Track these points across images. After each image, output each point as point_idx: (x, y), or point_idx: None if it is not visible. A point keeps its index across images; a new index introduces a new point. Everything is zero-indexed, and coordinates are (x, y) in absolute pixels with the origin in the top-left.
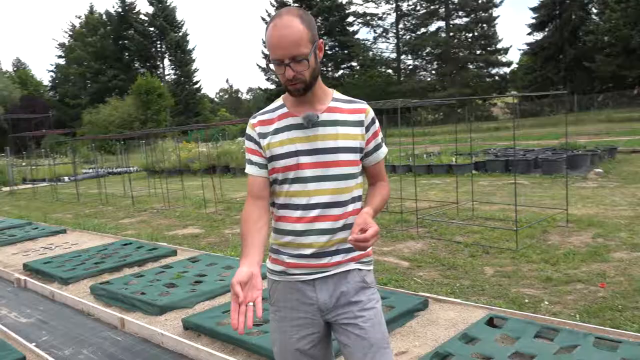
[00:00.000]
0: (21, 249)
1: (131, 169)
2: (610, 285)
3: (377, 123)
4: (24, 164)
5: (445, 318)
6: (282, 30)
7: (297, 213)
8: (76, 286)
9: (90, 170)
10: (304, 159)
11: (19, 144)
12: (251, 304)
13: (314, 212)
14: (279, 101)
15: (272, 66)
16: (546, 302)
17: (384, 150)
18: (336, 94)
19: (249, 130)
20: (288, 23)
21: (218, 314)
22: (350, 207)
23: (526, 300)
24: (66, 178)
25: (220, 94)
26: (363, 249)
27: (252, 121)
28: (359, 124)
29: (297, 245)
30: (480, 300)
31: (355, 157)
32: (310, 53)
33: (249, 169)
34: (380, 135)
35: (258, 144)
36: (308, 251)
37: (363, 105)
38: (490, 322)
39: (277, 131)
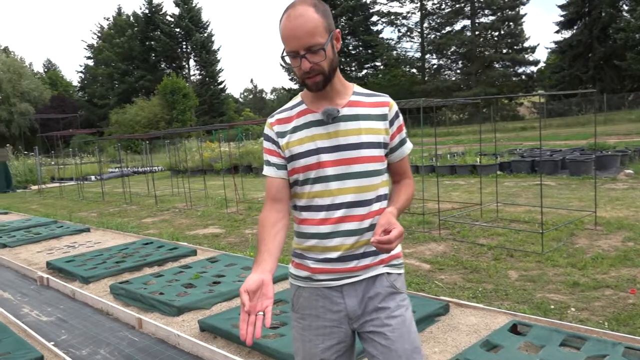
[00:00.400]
0: (46, 247)
1: (155, 168)
2: None
3: (401, 117)
4: (52, 163)
5: (467, 323)
6: (295, 21)
7: (321, 214)
8: (96, 285)
9: (116, 170)
10: (325, 157)
11: (47, 143)
12: (261, 313)
13: (339, 213)
14: (297, 98)
15: (287, 59)
16: (573, 309)
17: (409, 145)
18: (357, 88)
19: (266, 130)
20: (301, 12)
21: (235, 316)
22: (376, 206)
23: (552, 306)
24: (93, 177)
25: (245, 94)
26: (387, 251)
27: (269, 120)
28: (383, 117)
29: (323, 249)
30: (503, 305)
31: (380, 152)
32: (326, 43)
33: (267, 170)
34: (405, 130)
35: (276, 143)
36: (334, 254)
37: (386, 98)
38: (514, 328)
39: (296, 129)
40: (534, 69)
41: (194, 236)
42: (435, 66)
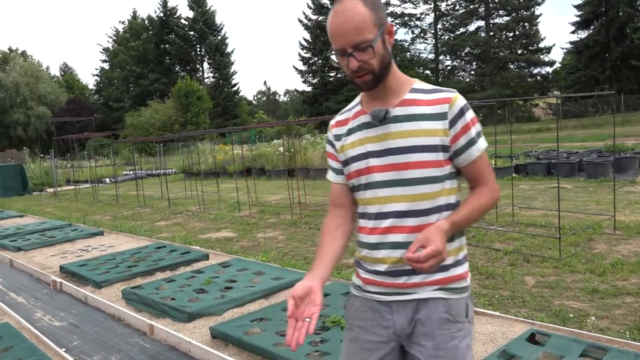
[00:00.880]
0: (60, 251)
1: (169, 171)
2: None
3: (468, 114)
4: (68, 165)
5: (483, 332)
6: (342, 16)
7: (371, 223)
8: (109, 290)
9: (130, 172)
10: (373, 162)
11: (63, 146)
12: (307, 319)
13: (387, 223)
14: (357, 98)
15: (334, 57)
16: (592, 317)
17: (479, 146)
18: (418, 84)
19: (328, 133)
20: (348, 7)
21: (246, 323)
22: (435, 218)
23: (571, 315)
24: (107, 180)
25: (258, 96)
26: (425, 270)
27: (331, 122)
28: (440, 116)
29: (372, 260)
30: (520, 313)
31: (436, 156)
32: (375, 39)
33: (328, 175)
34: (476, 128)
35: (334, 147)
36: (382, 267)
37: (448, 93)
38: (532, 338)
39: (350, 132)
40: (549, 69)
41: (207, 240)
42: (449, 67)
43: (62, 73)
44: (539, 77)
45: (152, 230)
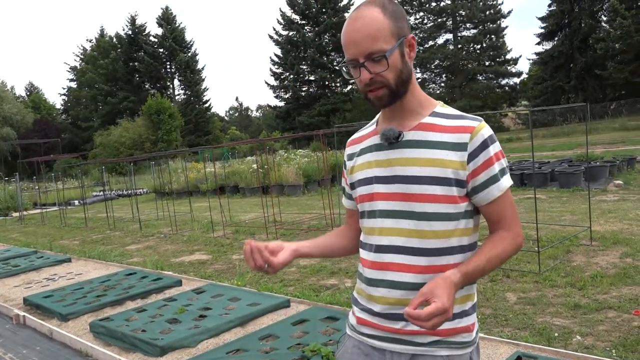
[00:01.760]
0: (24, 281)
1: (140, 191)
2: None
3: (492, 147)
4: (37, 187)
5: None
6: (356, 23)
7: (370, 256)
8: (76, 322)
9: (100, 193)
10: (378, 188)
11: (28, 169)
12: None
13: (387, 257)
14: (377, 117)
15: (345, 70)
16: (577, 335)
17: (502, 185)
18: (441, 108)
19: (345, 151)
20: (364, 13)
21: (222, 355)
22: (446, 260)
23: (555, 334)
24: (76, 202)
25: (231, 112)
26: (427, 329)
27: (348, 141)
28: (458, 147)
29: (367, 297)
30: (504, 332)
31: (448, 191)
32: (391, 49)
33: (343, 199)
34: (500, 164)
35: (346, 167)
36: (377, 307)
37: (472, 122)
38: None
39: (361, 152)
40: (517, 80)
41: (180, 264)
42: (419, 80)
43: (28, 93)
44: (507, 88)
45: (122, 255)
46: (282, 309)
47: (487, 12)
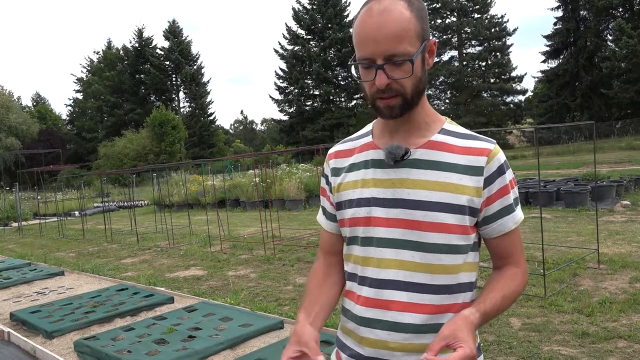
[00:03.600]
0: (14, 294)
1: (141, 202)
2: None
3: (508, 174)
4: (39, 197)
5: None
6: (379, 17)
7: (365, 290)
8: (61, 340)
9: (101, 205)
10: (378, 212)
11: (28, 180)
12: None
13: (388, 294)
14: (368, 126)
15: (354, 70)
16: None
17: (516, 216)
18: (449, 125)
19: (325, 164)
20: (388, 6)
21: None
22: (453, 298)
23: None
24: (76, 213)
25: (235, 125)
26: None
27: (329, 152)
28: (474, 171)
29: (359, 340)
30: None
31: (461, 220)
32: (416, 53)
33: (319, 218)
34: (515, 193)
35: (330, 184)
36: (369, 352)
37: (488, 144)
38: None
39: (352, 167)
40: (522, 97)
41: (174, 279)
42: None
43: (35, 103)
44: (512, 105)
45: (116, 269)
46: (275, 331)
47: (493, 30)
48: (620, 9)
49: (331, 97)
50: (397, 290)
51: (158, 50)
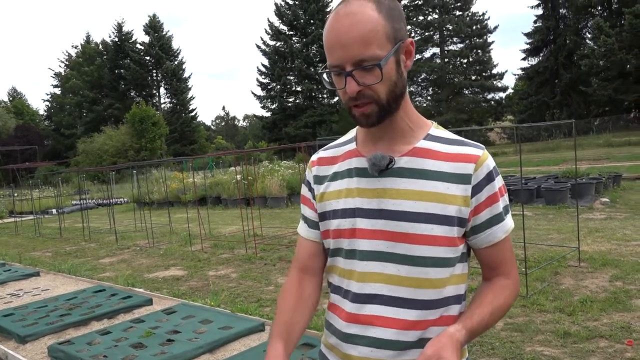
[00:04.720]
0: None
1: (120, 200)
2: (637, 341)
3: (497, 181)
4: (15, 195)
5: None
6: (345, 21)
7: (348, 305)
8: (34, 345)
9: (79, 202)
10: (362, 223)
11: (3, 177)
12: None
13: (370, 309)
14: (352, 132)
15: (326, 77)
16: None
17: (506, 226)
18: (435, 130)
19: (307, 171)
20: (355, 9)
21: None
22: (439, 313)
23: None
24: (54, 211)
25: (217, 121)
26: None
27: (312, 158)
28: (462, 179)
29: (342, 356)
30: None
31: (449, 232)
32: (386, 57)
33: (299, 227)
34: (504, 201)
35: (312, 191)
36: None
37: (476, 150)
38: None
39: (335, 176)
40: (502, 95)
41: (153, 279)
42: None
43: (11, 98)
44: (492, 102)
45: (94, 270)
46: (256, 333)
47: (474, 27)
48: (599, 8)
49: (314, 94)
50: (381, 305)
51: (138, 45)
